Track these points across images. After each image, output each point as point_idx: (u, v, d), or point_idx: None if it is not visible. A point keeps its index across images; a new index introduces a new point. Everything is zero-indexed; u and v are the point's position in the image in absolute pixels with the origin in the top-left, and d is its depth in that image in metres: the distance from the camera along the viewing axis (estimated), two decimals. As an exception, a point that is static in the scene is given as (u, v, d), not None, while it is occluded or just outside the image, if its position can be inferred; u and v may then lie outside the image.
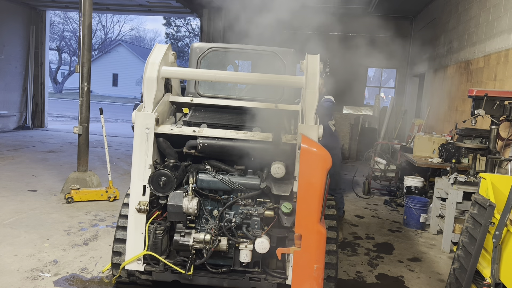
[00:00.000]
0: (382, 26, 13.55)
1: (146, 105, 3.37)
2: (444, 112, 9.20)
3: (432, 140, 7.35)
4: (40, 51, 15.42)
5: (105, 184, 6.97)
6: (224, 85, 4.76)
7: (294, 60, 4.49)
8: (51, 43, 34.20)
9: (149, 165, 3.32)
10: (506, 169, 5.55)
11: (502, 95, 5.29)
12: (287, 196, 3.22)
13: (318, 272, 3.01)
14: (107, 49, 45.32)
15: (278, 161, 3.31)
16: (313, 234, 2.99)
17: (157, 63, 3.43)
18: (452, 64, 8.97)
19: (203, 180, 3.38)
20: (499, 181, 3.72)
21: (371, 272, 4.61)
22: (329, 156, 3.03)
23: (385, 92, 27.93)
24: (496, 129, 5.43)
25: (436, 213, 6.02)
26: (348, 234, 5.79)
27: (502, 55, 6.40)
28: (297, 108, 3.73)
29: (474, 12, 7.93)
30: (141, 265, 3.36)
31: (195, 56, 4.51)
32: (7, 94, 14.39)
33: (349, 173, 9.91)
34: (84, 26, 6.85)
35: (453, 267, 3.78)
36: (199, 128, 3.46)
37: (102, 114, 7.02)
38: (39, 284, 3.84)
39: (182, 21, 38.14)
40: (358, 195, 8.14)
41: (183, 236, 3.35)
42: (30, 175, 7.96)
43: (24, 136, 13.35)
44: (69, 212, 5.96)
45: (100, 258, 4.47)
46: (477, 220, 3.51)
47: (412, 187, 7.02)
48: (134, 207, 3.31)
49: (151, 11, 15.01)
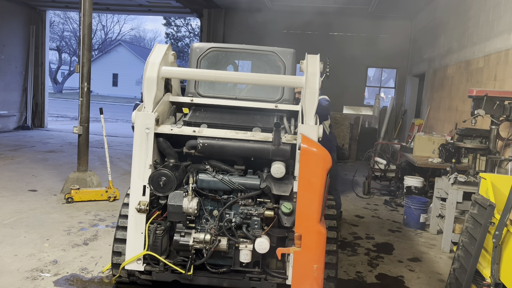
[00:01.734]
0: (382, 26, 13.56)
1: (146, 105, 3.37)
2: (444, 112, 9.20)
3: (432, 140, 7.35)
4: (40, 51, 15.42)
5: (105, 184, 6.97)
6: (224, 85, 4.76)
7: (294, 60, 4.49)
8: (51, 43, 34.20)
9: (149, 165, 3.32)
10: (506, 169, 5.55)
11: (502, 95, 5.29)
12: (287, 196, 3.22)
13: (318, 272, 3.01)
14: (107, 49, 45.31)
15: (278, 161, 3.31)
16: (313, 234, 2.99)
17: (157, 63, 3.43)
18: (452, 64, 8.97)
19: (203, 180, 3.38)
20: (499, 181, 3.72)
21: (371, 272, 4.61)
22: (329, 156, 3.03)
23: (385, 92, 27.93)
24: (496, 129, 5.43)
25: (436, 213, 6.02)
26: (348, 234, 5.79)
27: (502, 55, 6.40)
28: (297, 108, 3.73)
29: (474, 12, 7.93)
30: (141, 265, 3.36)
31: (195, 56, 4.51)
32: (7, 94, 14.39)
33: (349, 173, 9.91)
34: (84, 26, 6.85)
35: (453, 267, 3.78)
36: (199, 128, 3.46)
37: (102, 114, 7.02)
38: (39, 284, 3.84)
39: (182, 21, 38.12)
40: (358, 195, 8.14)
41: (183, 236, 3.35)
42: (30, 175, 7.97)
43: (24, 136, 13.35)
44: (69, 212, 5.96)
45: (100, 258, 4.47)
46: (477, 220, 3.51)
47: (412, 187, 7.02)
48: (134, 207, 3.31)
49: (151, 11, 15.02)
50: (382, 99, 15.75)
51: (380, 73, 20.55)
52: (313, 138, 3.09)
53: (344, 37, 14.09)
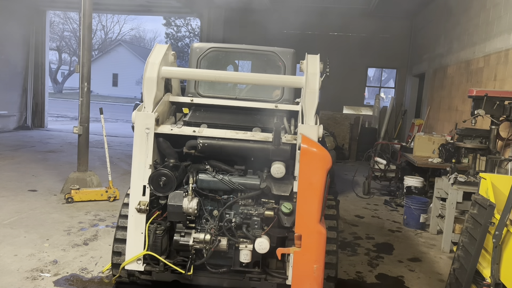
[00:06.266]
0: (382, 26, 13.56)
1: (146, 105, 3.38)
2: (444, 112, 9.20)
3: (432, 140, 7.36)
4: (40, 51, 15.41)
5: (105, 184, 6.97)
6: (224, 85, 4.76)
7: (294, 60, 4.49)
8: (51, 43, 34.12)
9: (149, 165, 3.32)
10: (506, 169, 5.55)
11: (502, 95, 5.29)
12: (287, 196, 3.22)
13: (318, 272, 3.01)
14: (107, 49, 45.30)
15: (278, 161, 3.31)
16: (313, 234, 2.99)
17: (157, 63, 3.43)
18: (452, 64, 8.97)
19: (203, 180, 3.38)
20: (499, 181, 3.72)
21: (371, 272, 4.61)
22: (329, 156, 3.03)
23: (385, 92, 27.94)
24: (496, 129, 5.43)
25: (436, 213, 6.02)
26: (348, 234, 5.79)
27: (502, 55, 6.40)
28: (297, 108, 3.73)
29: (474, 12, 7.93)
30: (141, 265, 3.36)
31: (195, 56, 4.50)
32: (7, 94, 14.37)
33: (349, 173, 9.91)
34: (84, 26, 6.85)
35: (453, 267, 3.78)
36: (199, 128, 3.46)
37: (102, 114, 7.02)
38: (39, 284, 3.84)
39: (182, 21, 38.11)
40: (358, 195, 8.14)
41: (183, 236, 3.35)
42: (30, 175, 7.96)
43: (24, 136, 13.35)
44: (69, 212, 5.96)
45: (100, 258, 4.47)
46: (477, 220, 3.51)
47: (412, 187, 7.02)
48: (134, 207, 3.31)
49: (151, 11, 15.01)
50: (382, 99, 15.75)
51: (380, 73, 20.54)
52: (313, 138, 3.09)
53: (344, 37, 14.09)
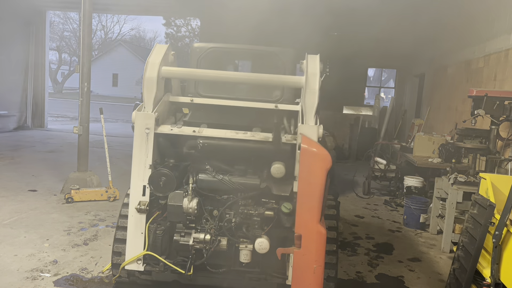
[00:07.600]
0: (382, 26, 13.54)
1: (146, 105, 3.38)
2: (444, 112, 9.20)
3: (432, 140, 7.36)
4: (40, 51, 15.40)
5: (105, 184, 6.96)
6: (224, 85, 4.75)
7: (294, 60, 4.49)
8: (51, 43, 34.12)
9: (149, 165, 3.32)
10: (506, 169, 5.55)
11: (502, 95, 5.29)
12: (287, 196, 3.22)
13: (318, 272, 3.01)
14: (107, 49, 45.31)
15: (278, 161, 3.31)
16: (313, 234, 2.99)
17: (157, 63, 3.43)
18: (452, 64, 8.97)
19: (203, 180, 3.38)
20: (499, 181, 3.71)
21: (371, 272, 4.61)
22: (329, 156, 3.03)
23: (385, 92, 27.95)
24: (496, 129, 5.43)
25: (436, 213, 6.02)
26: (348, 234, 5.79)
27: (502, 55, 6.40)
28: (297, 108, 3.73)
29: (474, 12, 7.93)
30: (141, 265, 3.36)
31: (195, 56, 4.50)
32: (7, 94, 14.37)
33: (349, 173, 9.91)
34: (84, 26, 6.85)
35: (453, 267, 3.78)
36: (199, 128, 3.46)
37: (102, 114, 7.02)
38: (39, 284, 3.84)
39: (182, 21, 38.09)
40: (358, 195, 8.14)
41: (183, 236, 3.35)
42: (30, 175, 7.96)
43: (24, 136, 13.35)
44: (69, 212, 5.96)
45: (100, 258, 4.47)
46: (477, 220, 3.51)
47: (412, 187, 7.01)
48: (134, 207, 3.31)
49: (151, 11, 15.01)
50: (382, 99, 15.76)
51: (380, 73, 20.55)
52: (313, 138, 3.10)
53: (344, 37, 14.08)
